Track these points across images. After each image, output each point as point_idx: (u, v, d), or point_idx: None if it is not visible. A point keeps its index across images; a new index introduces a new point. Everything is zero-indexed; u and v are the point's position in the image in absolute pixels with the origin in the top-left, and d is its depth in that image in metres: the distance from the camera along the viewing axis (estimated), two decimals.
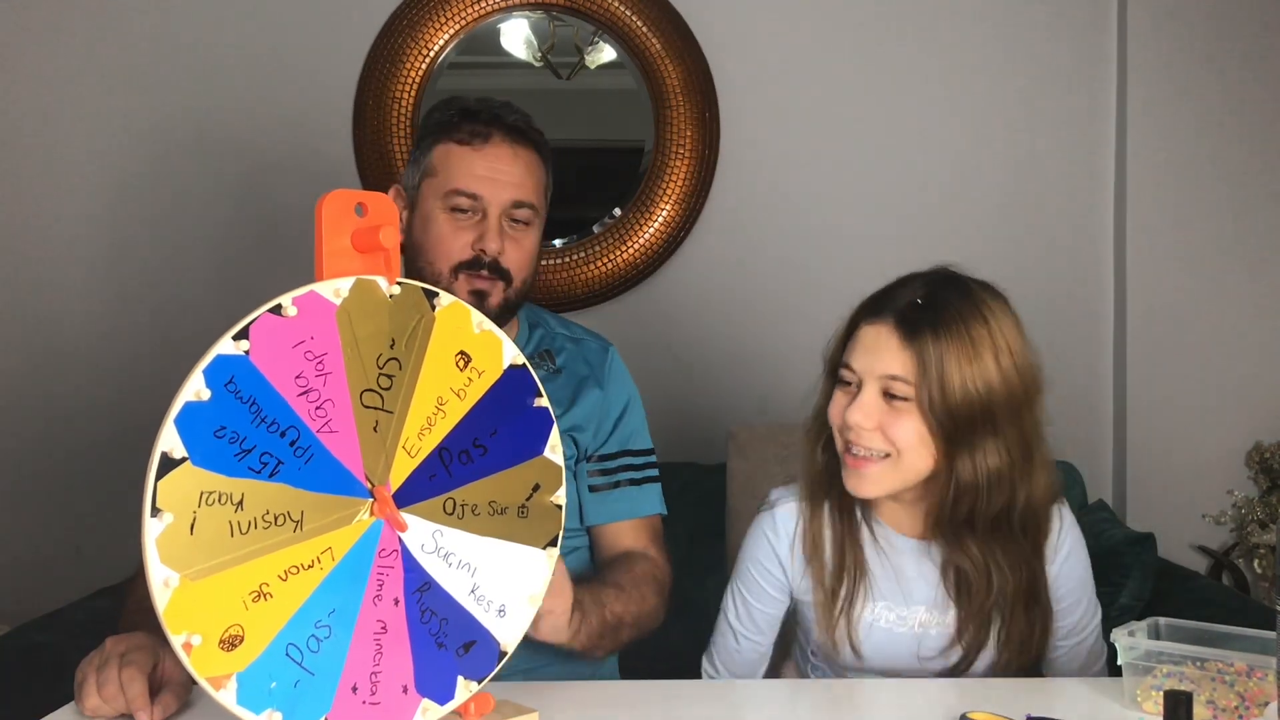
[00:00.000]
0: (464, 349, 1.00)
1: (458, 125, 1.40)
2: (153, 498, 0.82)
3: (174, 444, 0.83)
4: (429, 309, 0.98)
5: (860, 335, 1.23)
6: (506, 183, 1.38)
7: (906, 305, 1.21)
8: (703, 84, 2.43)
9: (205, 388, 0.85)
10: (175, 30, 2.42)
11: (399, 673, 0.94)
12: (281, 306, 0.89)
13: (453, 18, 2.40)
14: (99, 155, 2.42)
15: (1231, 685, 1.05)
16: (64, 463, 2.41)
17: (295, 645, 0.88)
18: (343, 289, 0.92)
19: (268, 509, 0.87)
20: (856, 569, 1.29)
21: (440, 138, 1.41)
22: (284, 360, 0.89)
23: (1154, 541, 1.86)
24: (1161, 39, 2.41)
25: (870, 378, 1.21)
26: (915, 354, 1.18)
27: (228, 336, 0.86)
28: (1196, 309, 2.41)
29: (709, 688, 1.21)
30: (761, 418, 2.36)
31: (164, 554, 0.82)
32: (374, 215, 0.95)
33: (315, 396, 0.90)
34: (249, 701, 0.85)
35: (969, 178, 2.46)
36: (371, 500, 0.93)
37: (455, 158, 1.39)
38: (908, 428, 1.19)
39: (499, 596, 1.01)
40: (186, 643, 0.83)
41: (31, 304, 2.43)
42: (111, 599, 1.67)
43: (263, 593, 0.86)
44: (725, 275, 2.47)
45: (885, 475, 1.22)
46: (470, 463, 1.00)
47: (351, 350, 0.92)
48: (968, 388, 1.17)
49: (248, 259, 2.43)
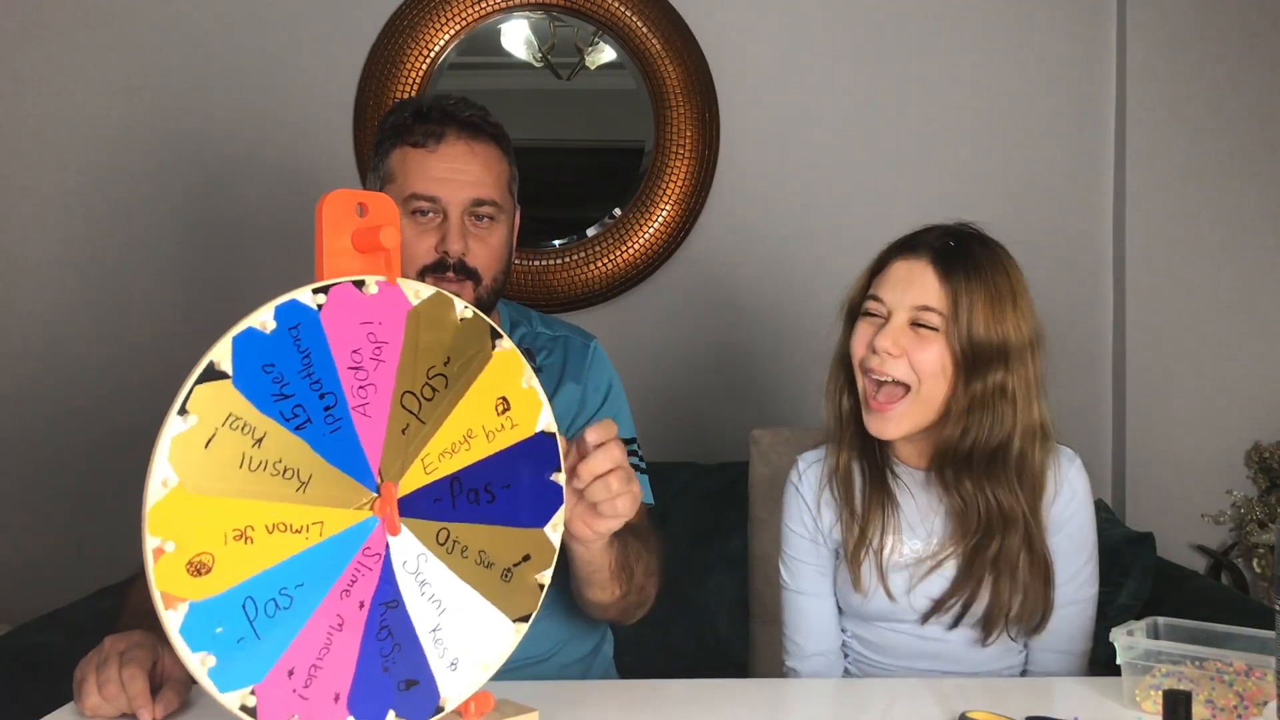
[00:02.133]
0: (507, 395, 1.02)
1: (411, 128, 1.38)
2: (185, 398, 0.83)
3: (224, 358, 0.85)
4: (489, 347, 1.00)
5: (892, 269, 1.31)
6: (464, 181, 1.37)
7: (940, 245, 1.29)
8: (703, 84, 2.43)
9: (272, 320, 0.87)
10: (175, 30, 2.42)
11: (337, 677, 0.91)
12: (365, 283, 0.93)
13: (453, 18, 2.41)
14: (98, 156, 2.42)
15: (1230, 685, 1.05)
16: (64, 463, 2.42)
17: (254, 601, 0.86)
18: (423, 293, 0.97)
19: (282, 458, 0.88)
20: (887, 503, 1.34)
21: (396, 142, 1.39)
22: (349, 331, 0.92)
23: (1153, 541, 1.86)
24: (1161, 38, 2.41)
25: (901, 308, 1.28)
26: (950, 289, 1.26)
27: (308, 288, 0.90)
28: (1196, 309, 2.42)
29: (709, 688, 1.21)
30: (762, 418, 2.36)
31: (173, 454, 0.82)
32: (375, 215, 0.95)
33: (363, 376, 0.92)
34: (190, 635, 0.83)
35: (968, 178, 2.46)
36: (376, 496, 0.93)
37: (412, 161, 1.37)
38: (932, 356, 1.26)
39: (456, 649, 0.98)
40: (160, 548, 0.81)
41: (31, 304, 2.43)
42: (112, 599, 1.68)
43: (246, 535, 0.86)
44: (725, 275, 2.47)
45: (906, 414, 1.29)
46: (476, 504, 1.00)
47: (410, 351, 0.95)
48: (991, 327, 1.26)
49: (248, 259, 2.43)
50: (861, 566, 1.33)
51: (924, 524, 1.35)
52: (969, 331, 1.25)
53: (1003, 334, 1.26)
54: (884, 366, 1.28)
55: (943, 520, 1.34)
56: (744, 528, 1.96)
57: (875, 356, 1.28)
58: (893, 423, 1.29)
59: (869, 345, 1.29)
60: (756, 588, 1.91)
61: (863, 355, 1.30)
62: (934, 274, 1.27)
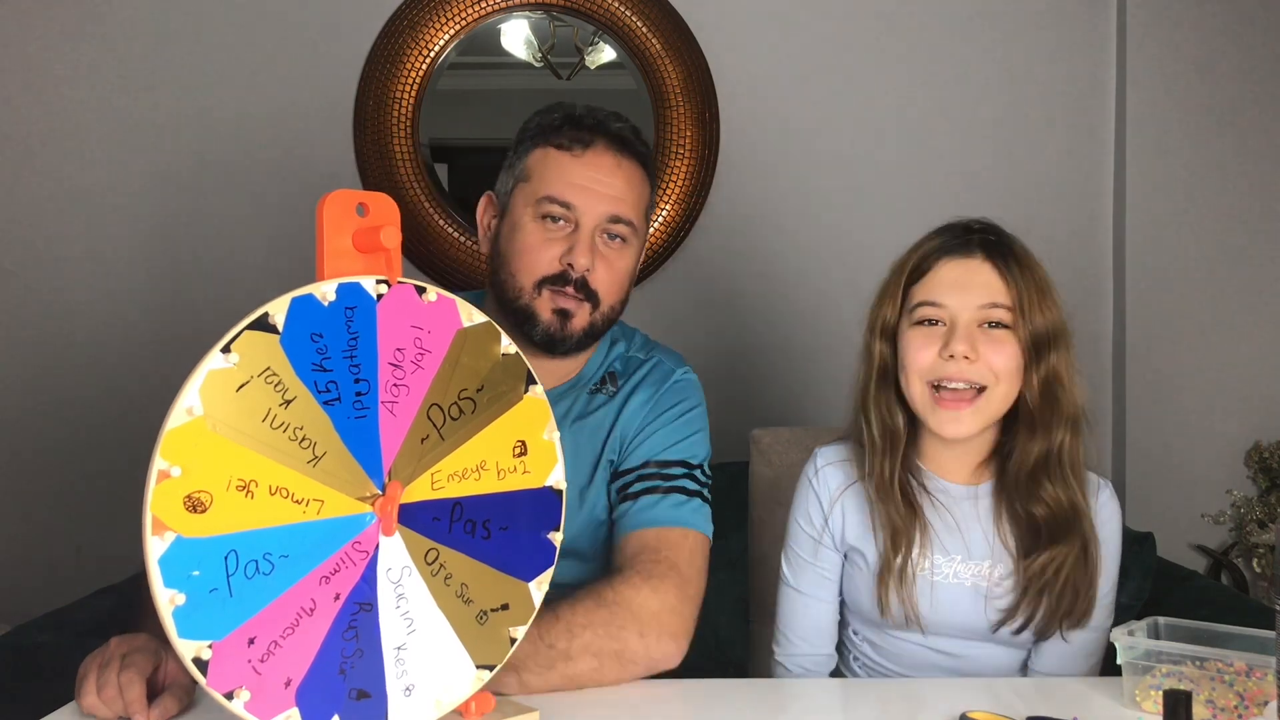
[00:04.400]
0: (526, 441, 1.03)
1: (559, 129, 1.32)
2: (233, 338, 0.84)
3: (279, 316, 0.87)
4: (521, 390, 1.02)
5: (942, 272, 1.26)
6: (605, 194, 1.29)
7: (986, 240, 1.26)
8: (703, 84, 2.43)
9: (333, 293, 0.90)
10: (175, 30, 2.42)
11: (294, 662, 0.89)
12: (425, 290, 0.96)
13: (453, 18, 2.41)
14: (97, 157, 2.43)
15: (1230, 685, 1.05)
16: (64, 463, 2.41)
17: (237, 556, 0.85)
18: (476, 318, 0.99)
19: (304, 426, 0.88)
20: (917, 521, 1.30)
21: (539, 141, 1.32)
22: (399, 329, 0.94)
23: (1153, 541, 1.86)
24: (1162, 38, 2.41)
25: (966, 310, 1.24)
26: (1012, 282, 1.24)
27: (373, 278, 0.92)
28: (1196, 309, 2.42)
29: (709, 688, 1.21)
30: (762, 418, 2.36)
31: (205, 387, 0.83)
32: (375, 215, 0.95)
33: (400, 375, 0.94)
34: (169, 570, 0.82)
35: (969, 178, 2.46)
36: (380, 494, 0.93)
37: (553, 162, 1.31)
38: (1009, 353, 1.24)
39: (415, 674, 0.96)
40: (166, 471, 0.81)
41: (31, 304, 2.43)
42: (112, 598, 1.68)
43: (249, 489, 0.86)
44: (725, 275, 2.47)
45: (979, 413, 1.25)
46: (471, 535, 0.99)
47: (449, 367, 0.97)
48: (1046, 314, 1.25)
49: (248, 259, 2.43)
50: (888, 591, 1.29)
51: (973, 539, 1.31)
52: (1033, 322, 1.24)
53: (1054, 319, 1.26)
54: (964, 373, 1.23)
55: (994, 535, 1.30)
56: (744, 528, 1.96)
57: (951, 364, 1.23)
58: (965, 422, 1.25)
59: (938, 354, 1.24)
60: (756, 588, 1.91)
61: (929, 364, 1.25)
62: (992, 269, 1.24)
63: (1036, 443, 1.27)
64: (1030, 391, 1.26)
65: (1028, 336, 1.24)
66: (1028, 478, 1.28)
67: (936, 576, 1.31)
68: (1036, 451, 1.27)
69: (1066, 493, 1.27)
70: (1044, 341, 1.25)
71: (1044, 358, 1.25)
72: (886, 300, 1.31)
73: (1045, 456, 1.27)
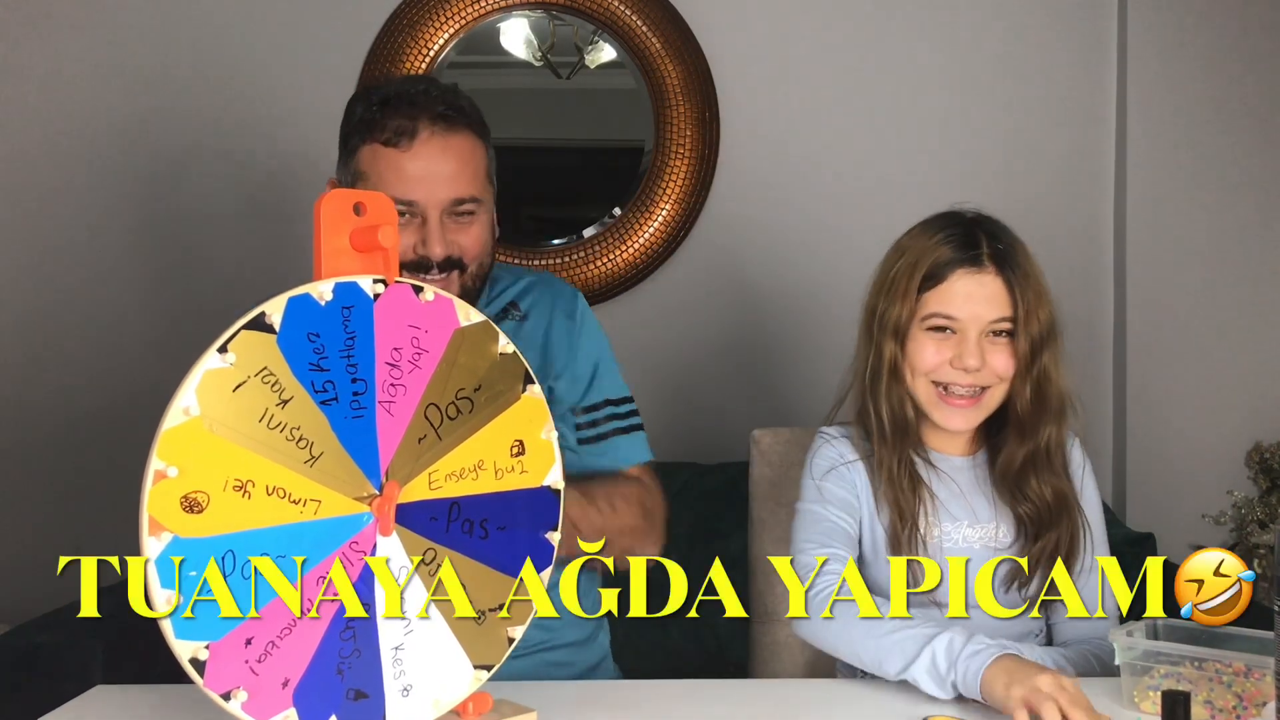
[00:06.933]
0: (524, 440, 1.03)
1: (381, 123, 1.31)
2: (230, 337, 0.84)
3: (275, 315, 0.87)
4: (519, 389, 1.02)
5: (956, 285, 1.31)
6: (441, 181, 1.30)
7: (991, 251, 1.31)
8: (703, 84, 2.43)
9: (330, 293, 0.90)
10: (174, 29, 2.42)
11: (291, 662, 0.89)
12: (422, 290, 0.96)
13: (452, 17, 2.41)
14: (97, 156, 2.43)
15: (1229, 685, 1.05)
16: (64, 463, 2.42)
17: (234, 556, 0.85)
18: (473, 318, 0.99)
19: (301, 426, 0.88)
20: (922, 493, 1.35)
21: (365, 137, 1.32)
22: (396, 328, 0.94)
23: (1154, 541, 1.86)
24: (1162, 37, 2.41)
25: (976, 323, 1.30)
26: (1016, 295, 1.30)
27: (369, 277, 0.92)
28: (1196, 309, 2.41)
29: (709, 688, 1.21)
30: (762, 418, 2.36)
31: (202, 387, 0.83)
32: (373, 215, 0.95)
33: (397, 375, 0.94)
34: (164, 571, 0.81)
35: (969, 177, 2.45)
36: (378, 494, 0.93)
37: (383, 161, 1.30)
38: (1010, 358, 1.31)
39: (413, 674, 0.96)
40: (162, 472, 0.81)
41: (31, 304, 2.43)
42: (112, 598, 1.67)
43: (245, 489, 0.85)
44: (725, 275, 2.47)
45: (980, 409, 1.33)
46: (469, 535, 0.99)
47: (446, 366, 0.97)
48: (1042, 317, 1.32)
49: (248, 259, 2.43)
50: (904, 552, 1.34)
51: (977, 505, 1.36)
52: (1030, 331, 1.31)
53: (1047, 318, 1.32)
54: (972, 380, 1.31)
55: (994, 500, 1.37)
56: (744, 528, 1.95)
57: (960, 372, 1.31)
58: (971, 416, 1.33)
59: (947, 361, 1.31)
60: (756, 588, 1.91)
61: (936, 367, 1.32)
62: (1002, 285, 1.31)
63: (1024, 446, 1.33)
64: (1021, 398, 1.32)
65: (1026, 345, 1.31)
66: (1015, 475, 1.34)
67: (947, 543, 1.35)
68: (1023, 454, 1.33)
69: (1053, 481, 1.33)
70: (1039, 345, 1.32)
71: (1037, 360, 1.32)
72: (897, 299, 1.34)
73: (1032, 455, 1.33)
